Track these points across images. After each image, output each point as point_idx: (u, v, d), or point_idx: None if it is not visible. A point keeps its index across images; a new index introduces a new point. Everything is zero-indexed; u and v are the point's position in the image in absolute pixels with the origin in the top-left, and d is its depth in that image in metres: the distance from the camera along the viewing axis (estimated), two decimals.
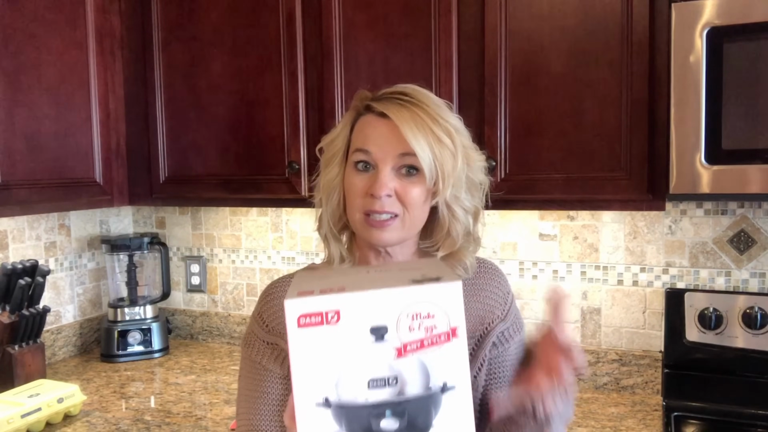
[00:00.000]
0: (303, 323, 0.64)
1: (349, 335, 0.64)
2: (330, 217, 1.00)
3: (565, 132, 1.56)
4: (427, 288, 0.65)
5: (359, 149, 0.94)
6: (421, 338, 0.65)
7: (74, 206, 1.93)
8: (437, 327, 0.65)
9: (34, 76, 1.74)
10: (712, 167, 1.38)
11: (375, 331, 0.65)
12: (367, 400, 0.65)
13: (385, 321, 0.64)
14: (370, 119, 0.95)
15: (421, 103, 0.93)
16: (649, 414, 1.68)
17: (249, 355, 1.02)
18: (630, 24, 1.48)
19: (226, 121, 1.90)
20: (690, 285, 1.80)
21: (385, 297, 0.65)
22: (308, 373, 0.64)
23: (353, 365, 0.64)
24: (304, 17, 1.79)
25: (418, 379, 0.65)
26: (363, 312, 0.64)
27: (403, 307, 0.65)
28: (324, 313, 0.64)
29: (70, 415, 1.70)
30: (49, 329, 2.13)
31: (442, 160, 0.92)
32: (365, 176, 0.94)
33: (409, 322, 0.65)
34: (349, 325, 0.64)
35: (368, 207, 0.93)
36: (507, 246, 1.97)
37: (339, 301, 0.64)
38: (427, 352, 0.65)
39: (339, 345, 0.64)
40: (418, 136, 0.90)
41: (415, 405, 0.65)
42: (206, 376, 2.02)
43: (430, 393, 0.65)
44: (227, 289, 2.38)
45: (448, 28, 1.63)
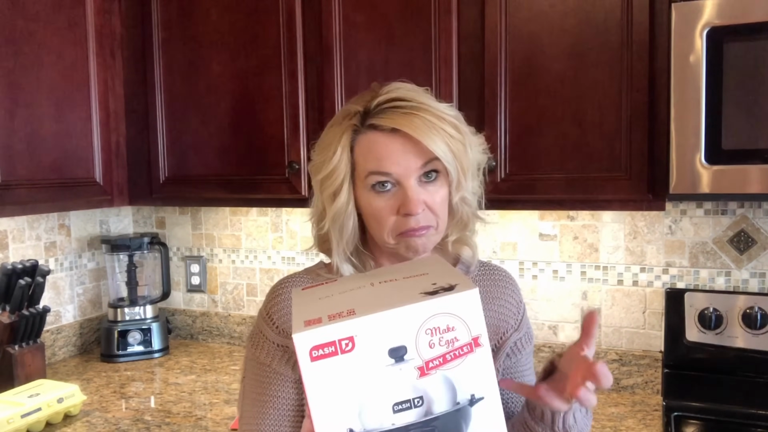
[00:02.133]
0: (316, 356, 0.60)
1: (367, 361, 0.61)
2: (345, 246, 0.96)
3: (565, 132, 1.56)
4: (443, 300, 0.62)
5: (375, 172, 0.89)
6: (443, 353, 0.62)
7: (74, 206, 1.93)
8: (458, 339, 0.62)
9: (34, 76, 1.74)
10: (712, 167, 1.38)
11: (394, 353, 0.61)
12: (393, 425, 0.62)
13: (403, 341, 0.61)
14: (376, 138, 0.90)
15: (422, 104, 0.90)
16: (649, 414, 1.68)
17: (256, 356, 0.97)
18: (630, 24, 1.48)
19: (226, 121, 1.90)
20: (690, 285, 1.80)
21: (400, 316, 0.61)
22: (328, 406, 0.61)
23: (375, 392, 0.61)
24: (304, 17, 1.79)
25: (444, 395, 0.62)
26: (379, 335, 0.61)
27: (421, 323, 0.61)
28: (337, 341, 0.60)
29: (70, 415, 1.70)
30: (49, 329, 2.13)
31: (460, 155, 0.90)
32: (388, 195, 0.90)
33: (429, 339, 0.61)
34: (366, 351, 0.61)
35: (404, 227, 0.90)
36: (507, 246, 1.97)
37: (352, 326, 0.60)
38: (450, 367, 0.62)
39: (357, 373, 0.61)
40: (436, 140, 0.87)
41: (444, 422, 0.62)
42: (206, 376, 2.02)
43: (459, 408, 0.62)
44: (227, 289, 2.38)
45: (448, 28, 1.63)
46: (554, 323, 1.94)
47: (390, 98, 0.91)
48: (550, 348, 1.93)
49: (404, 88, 0.93)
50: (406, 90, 0.92)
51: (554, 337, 1.94)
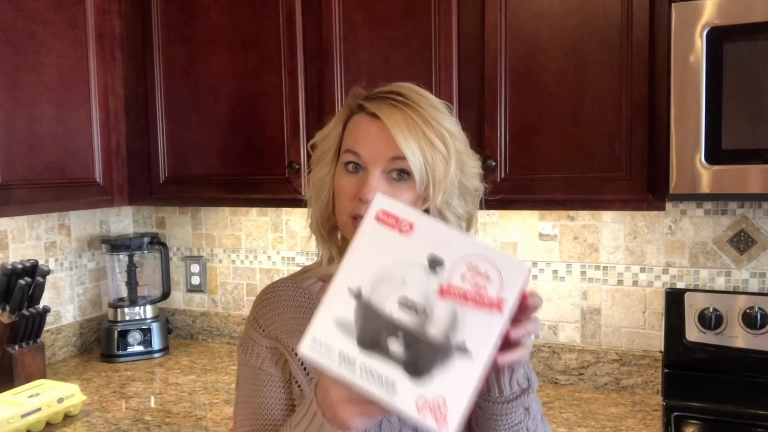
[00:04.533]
0: (380, 218, 0.68)
1: (410, 250, 0.67)
2: (319, 216, 0.98)
3: (565, 132, 1.56)
4: (499, 252, 0.67)
5: (349, 150, 0.92)
6: (465, 290, 0.65)
7: (74, 206, 1.93)
8: (487, 289, 0.65)
9: (34, 76, 1.74)
10: (712, 167, 1.38)
11: (432, 260, 0.66)
12: (390, 313, 0.66)
13: (444, 256, 0.66)
14: (362, 119, 0.92)
15: (416, 104, 0.89)
16: (649, 414, 1.68)
17: (248, 361, 0.99)
18: (630, 24, 1.48)
19: (226, 121, 1.90)
20: (690, 285, 1.80)
21: (457, 236, 0.67)
22: (359, 260, 0.68)
23: (397, 276, 0.66)
24: (304, 17, 1.79)
25: (443, 324, 0.65)
26: (432, 238, 0.67)
27: (467, 253, 0.66)
28: (402, 219, 0.68)
29: (70, 415, 1.70)
30: (49, 329, 2.13)
31: (434, 165, 0.88)
32: (355, 178, 0.91)
33: (464, 270, 0.66)
34: (415, 242, 0.67)
35: (355, 211, 0.89)
36: (507, 246, 1.97)
37: (419, 217, 0.68)
38: (465, 307, 0.65)
39: (398, 254, 0.67)
40: (409, 139, 0.87)
41: (426, 345, 0.65)
42: (206, 376, 2.02)
43: (447, 344, 0.64)
44: (227, 289, 2.38)
45: (448, 28, 1.63)
46: (554, 323, 1.94)
47: (391, 90, 0.93)
48: (550, 348, 1.93)
49: (411, 88, 0.93)
50: (412, 90, 0.93)
51: (554, 337, 1.94)
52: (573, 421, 1.63)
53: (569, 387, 1.90)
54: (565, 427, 1.59)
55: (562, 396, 1.82)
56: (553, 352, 1.92)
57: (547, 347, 1.93)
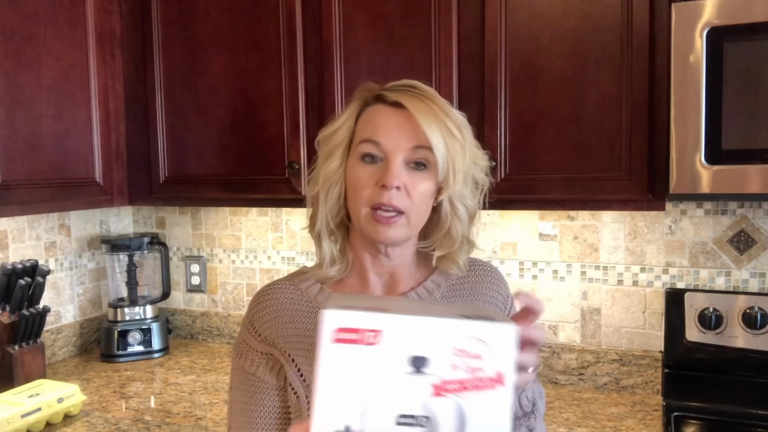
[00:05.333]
0: (339, 338, 0.58)
1: (387, 361, 0.58)
2: (328, 212, 0.96)
3: (565, 132, 1.56)
4: (480, 325, 0.59)
5: (368, 140, 0.90)
6: (463, 378, 0.58)
7: (74, 206, 1.93)
8: (483, 370, 0.58)
9: (34, 76, 1.74)
10: (712, 167, 1.38)
11: (414, 362, 0.58)
12: None
13: (427, 352, 0.58)
14: (380, 109, 0.92)
15: (433, 96, 0.91)
16: (649, 414, 1.68)
17: (242, 365, 0.97)
18: (630, 24, 1.48)
19: (226, 121, 1.90)
20: (690, 285, 1.80)
21: (432, 325, 0.58)
22: (334, 394, 0.58)
23: (385, 395, 0.58)
24: (304, 17, 1.79)
25: (452, 424, 0.58)
26: (405, 338, 0.58)
27: (450, 340, 0.58)
28: (364, 330, 0.58)
29: (70, 415, 1.70)
30: (49, 329, 2.13)
31: (454, 153, 0.90)
32: (373, 168, 0.90)
33: (454, 359, 0.58)
34: (388, 350, 0.58)
35: (376, 200, 0.89)
36: (507, 246, 1.97)
37: (382, 320, 0.58)
38: (467, 396, 0.58)
39: (373, 370, 0.58)
40: (433, 127, 0.88)
41: None
42: (206, 376, 2.02)
43: None
44: (227, 289, 2.38)
45: (448, 28, 1.63)
46: (554, 323, 1.94)
47: (405, 83, 0.94)
48: (549, 348, 1.93)
49: (424, 85, 0.94)
50: (424, 85, 0.94)
51: (554, 337, 1.94)
52: (573, 421, 1.63)
53: (569, 387, 1.90)
54: (565, 427, 1.59)
55: (562, 396, 1.82)
56: (553, 352, 1.92)
57: (547, 347, 1.93)
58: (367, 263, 0.98)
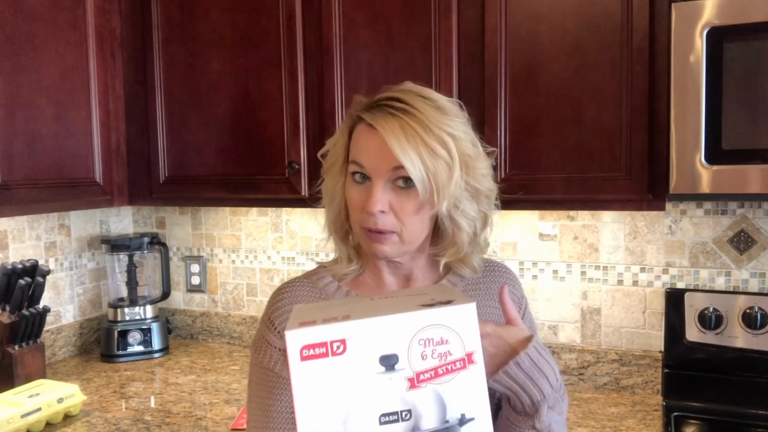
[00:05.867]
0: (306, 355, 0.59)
1: (357, 366, 0.59)
2: (332, 224, 1.00)
3: (565, 132, 1.55)
4: (439, 311, 0.61)
5: (354, 161, 0.92)
6: (435, 366, 0.60)
7: (74, 206, 1.93)
8: (452, 353, 0.60)
9: (34, 76, 1.74)
10: (712, 167, 1.38)
11: (384, 361, 0.60)
12: None
13: (394, 349, 0.60)
14: (363, 130, 0.92)
15: (415, 109, 0.88)
16: (649, 414, 1.68)
17: (260, 361, 0.98)
18: (630, 24, 1.48)
19: (226, 121, 1.90)
20: (690, 285, 1.80)
21: (393, 323, 0.60)
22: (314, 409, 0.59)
23: (363, 399, 0.59)
24: (304, 17, 1.79)
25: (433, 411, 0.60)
26: (371, 340, 0.59)
27: (414, 333, 0.60)
28: (329, 343, 0.59)
29: (70, 415, 1.70)
30: (49, 329, 2.13)
31: (436, 171, 0.87)
32: (362, 188, 0.91)
33: (421, 349, 0.60)
34: (357, 356, 0.59)
35: (364, 224, 0.91)
36: (507, 246, 1.97)
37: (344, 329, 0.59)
38: (442, 382, 0.60)
39: (346, 377, 0.59)
40: (407, 148, 0.85)
41: None
42: (206, 376, 2.02)
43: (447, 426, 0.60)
44: (227, 289, 2.38)
45: (448, 28, 1.63)
46: (554, 323, 1.94)
47: (390, 96, 0.91)
48: (550, 348, 1.92)
49: (412, 92, 0.92)
50: (411, 94, 0.91)
51: (554, 337, 1.94)
52: (573, 421, 1.63)
53: (569, 387, 1.90)
54: None
55: None
56: (553, 352, 1.92)
57: (547, 347, 1.93)
58: (382, 265, 1.00)
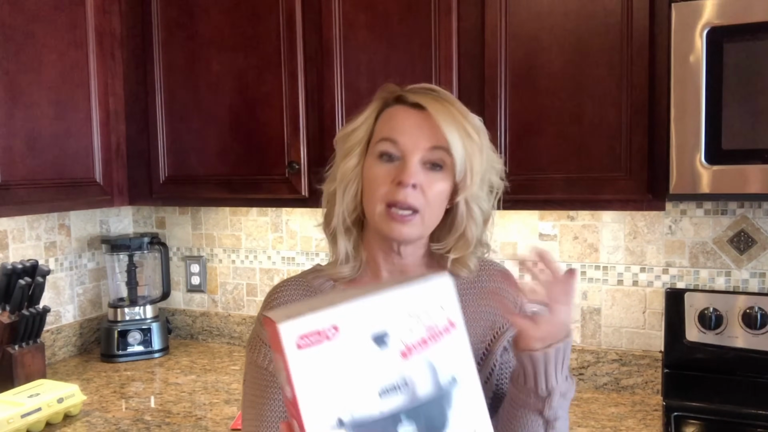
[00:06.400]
0: (303, 345, 0.60)
1: (352, 347, 0.62)
2: (345, 209, 0.98)
3: (565, 132, 1.55)
4: (419, 286, 0.66)
5: (386, 138, 0.93)
6: (422, 337, 0.64)
7: (74, 206, 1.93)
8: (436, 322, 0.65)
9: (34, 76, 1.74)
10: (712, 167, 1.38)
11: (377, 339, 0.63)
12: (381, 411, 0.62)
13: (384, 326, 0.63)
14: (400, 109, 0.95)
15: (452, 99, 0.94)
16: (649, 414, 1.68)
17: (254, 360, 0.99)
18: (630, 24, 1.48)
19: (226, 121, 1.90)
20: (690, 285, 1.80)
21: (379, 302, 0.64)
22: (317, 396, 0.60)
23: (362, 378, 0.62)
24: (304, 17, 1.79)
25: (427, 378, 0.64)
26: (361, 321, 0.62)
27: (400, 308, 0.64)
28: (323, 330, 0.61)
29: (70, 415, 1.70)
30: (49, 329, 2.13)
31: (472, 155, 0.92)
32: (390, 167, 0.92)
33: (408, 323, 0.64)
34: (350, 337, 0.62)
35: (392, 197, 0.91)
36: (507, 246, 1.97)
37: (335, 315, 0.62)
38: (431, 350, 0.65)
39: (343, 359, 0.61)
40: (452, 128, 0.90)
41: (428, 406, 0.64)
42: (206, 376, 2.02)
43: (441, 390, 0.65)
44: (227, 289, 2.38)
45: (448, 28, 1.63)
46: None
47: (425, 86, 0.97)
48: None
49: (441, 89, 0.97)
50: (443, 90, 0.97)
51: None
52: (573, 421, 1.63)
53: None
54: None
55: None
56: None
57: None
58: (380, 261, 1.00)
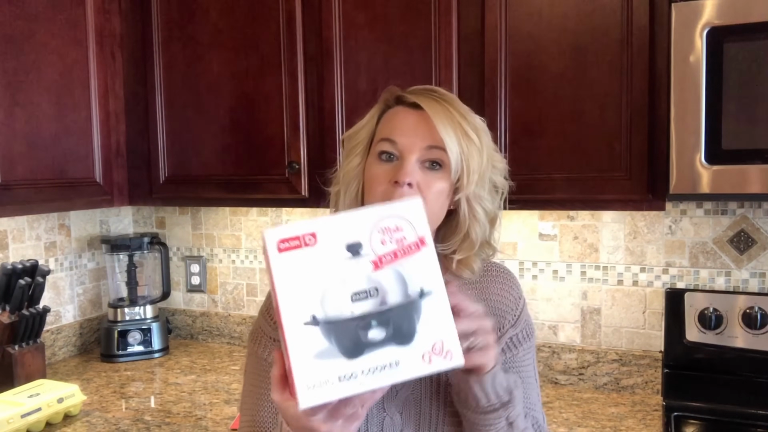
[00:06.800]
0: (283, 248, 0.67)
1: (328, 254, 0.68)
2: (347, 208, 1.00)
3: (565, 132, 1.56)
4: (392, 205, 0.71)
5: (385, 139, 0.95)
6: (393, 250, 0.69)
7: (74, 206, 1.93)
8: (406, 238, 0.70)
9: (34, 76, 1.74)
10: (712, 167, 1.38)
11: (351, 248, 0.69)
12: (352, 312, 0.68)
13: (358, 238, 0.69)
14: (400, 110, 0.97)
15: (452, 100, 0.95)
16: (649, 414, 1.68)
17: (255, 350, 1.01)
18: (630, 24, 1.48)
19: (226, 121, 1.90)
20: (690, 285, 1.80)
21: (355, 217, 0.70)
22: (293, 294, 0.67)
23: (335, 282, 0.68)
24: (304, 17, 1.79)
25: (396, 287, 0.69)
26: (337, 232, 0.69)
27: (373, 223, 0.70)
28: (301, 236, 0.68)
29: (70, 415, 1.70)
30: (49, 329, 2.13)
31: (469, 154, 0.93)
32: (389, 166, 0.94)
33: (381, 236, 0.69)
34: (326, 245, 0.68)
35: (389, 196, 0.92)
36: (507, 246, 1.97)
37: (314, 224, 0.68)
38: (401, 262, 0.69)
39: (319, 264, 0.68)
40: (448, 128, 0.91)
41: (397, 313, 0.68)
42: (206, 376, 2.02)
43: (410, 299, 0.69)
44: (227, 289, 2.38)
45: (448, 28, 1.63)
46: (554, 323, 1.94)
47: (426, 88, 0.99)
48: (550, 348, 1.93)
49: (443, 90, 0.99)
50: (444, 91, 0.98)
51: (554, 337, 1.94)
52: (573, 421, 1.63)
53: (569, 387, 1.90)
54: (565, 427, 1.59)
55: (562, 396, 1.82)
56: (553, 352, 1.92)
57: (547, 347, 1.93)
58: None
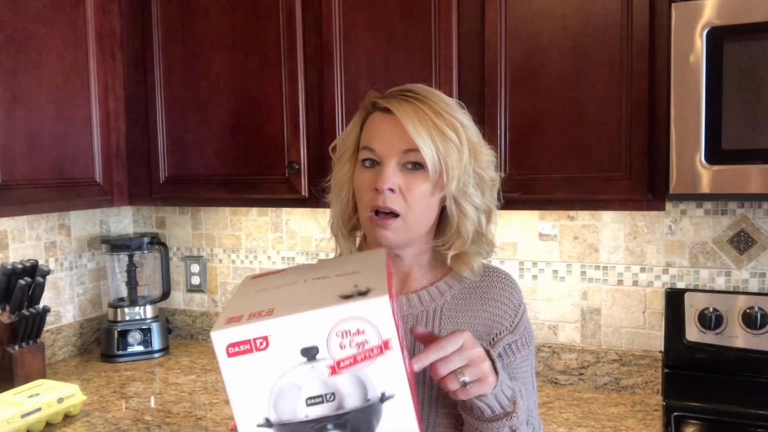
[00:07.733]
0: (232, 352, 0.64)
1: (280, 359, 0.64)
2: (339, 216, 1.02)
3: (565, 132, 1.56)
4: (354, 305, 0.65)
5: (365, 147, 0.96)
6: (353, 354, 0.65)
7: (74, 206, 1.93)
8: (368, 342, 0.65)
9: (34, 76, 1.74)
10: (712, 167, 1.38)
11: (306, 352, 0.65)
12: (307, 416, 0.65)
13: (314, 342, 0.64)
14: (376, 117, 0.97)
15: (426, 98, 0.94)
16: (649, 414, 1.68)
17: None
18: (630, 24, 1.48)
19: (226, 121, 1.90)
20: (690, 285, 1.80)
21: (311, 319, 0.64)
22: (244, 397, 0.65)
23: (288, 386, 0.65)
24: (304, 17, 1.79)
25: (355, 392, 0.66)
26: (291, 335, 0.64)
27: (332, 326, 0.65)
28: (252, 340, 0.64)
29: (70, 415, 1.70)
30: (49, 329, 2.13)
31: (446, 153, 0.92)
32: (371, 173, 0.95)
33: (340, 340, 0.65)
34: (279, 350, 0.64)
35: (374, 202, 0.93)
36: (507, 246, 1.97)
37: (266, 327, 0.64)
38: (361, 367, 0.65)
39: (271, 369, 0.64)
40: (420, 129, 0.91)
41: (355, 416, 0.66)
42: (206, 376, 2.02)
43: (369, 404, 0.66)
44: (227, 289, 2.38)
45: (448, 28, 1.63)
46: (554, 323, 1.94)
47: (402, 88, 0.98)
48: (550, 348, 1.93)
49: (424, 87, 0.98)
50: (422, 87, 0.98)
51: (554, 337, 1.94)
52: (573, 421, 1.63)
53: (569, 387, 1.90)
54: (565, 427, 1.59)
55: (562, 396, 1.82)
56: (553, 352, 1.92)
57: (547, 347, 1.93)
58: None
